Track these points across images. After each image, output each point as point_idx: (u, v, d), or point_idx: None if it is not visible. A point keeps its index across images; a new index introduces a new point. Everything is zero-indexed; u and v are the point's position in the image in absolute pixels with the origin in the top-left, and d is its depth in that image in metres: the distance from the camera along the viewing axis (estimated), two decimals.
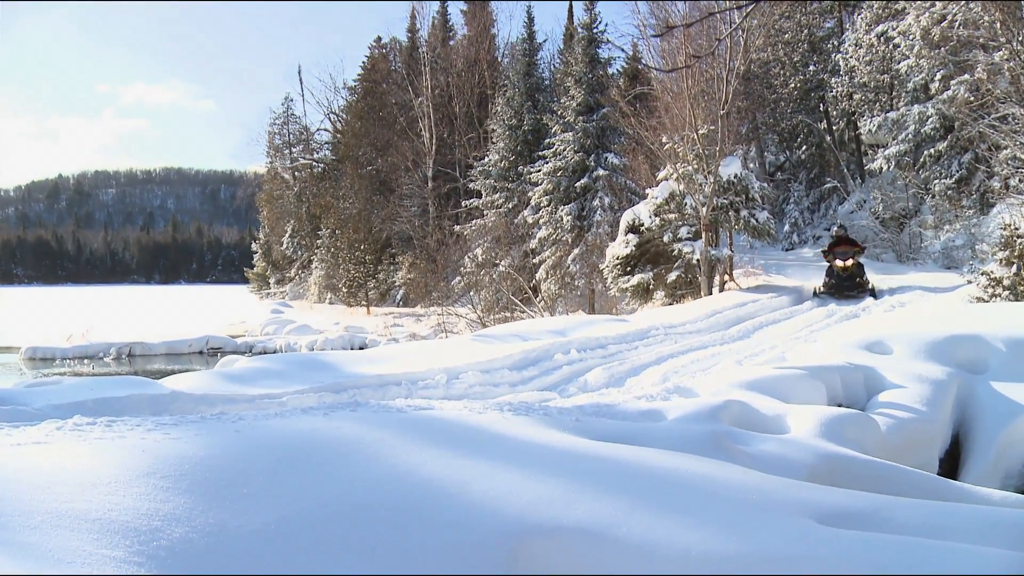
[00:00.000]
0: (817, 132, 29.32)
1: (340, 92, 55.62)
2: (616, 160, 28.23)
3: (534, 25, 38.02)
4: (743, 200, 19.46)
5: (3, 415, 6.88)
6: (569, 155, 28.89)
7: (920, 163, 22.75)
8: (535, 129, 34.29)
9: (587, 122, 28.67)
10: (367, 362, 10.81)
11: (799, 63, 28.84)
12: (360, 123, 47.76)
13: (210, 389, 8.84)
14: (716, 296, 18.28)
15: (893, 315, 13.72)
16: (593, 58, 29.81)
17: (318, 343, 25.96)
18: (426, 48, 45.22)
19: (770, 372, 7.44)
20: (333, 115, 56.16)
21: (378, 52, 52.26)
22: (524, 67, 36.60)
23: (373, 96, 48.36)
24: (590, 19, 30.36)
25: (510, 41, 46.89)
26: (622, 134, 28.43)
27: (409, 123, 43.00)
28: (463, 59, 43.26)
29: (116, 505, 2.89)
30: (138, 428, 4.08)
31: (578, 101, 29.08)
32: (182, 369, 19.37)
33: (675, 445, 4.66)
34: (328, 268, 45.01)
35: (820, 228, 28.07)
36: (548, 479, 3.51)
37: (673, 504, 3.30)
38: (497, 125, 35.86)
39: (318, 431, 4.00)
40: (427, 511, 3.09)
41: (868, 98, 25.78)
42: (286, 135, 58.36)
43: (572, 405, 6.55)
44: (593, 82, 29.34)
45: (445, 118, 41.84)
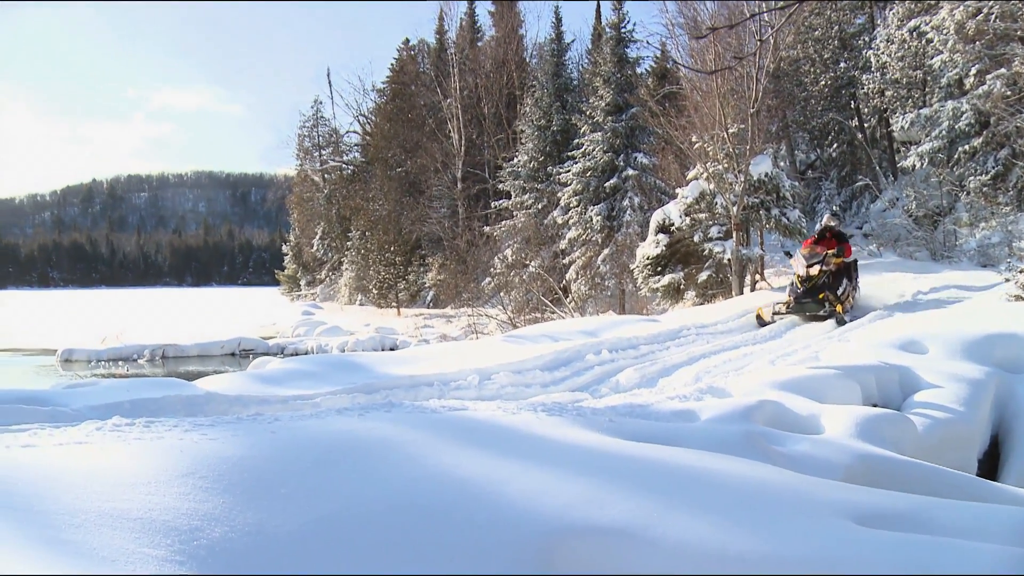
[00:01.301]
0: (848, 130, 29.05)
1: (369, 94, 55.94)
2: (645, 160, 28.13)
3: (562, 25, 38.13)
4: (774, 199, 19.34)
5: (44, 416, 6.98)
6: (598, 155, 28.82)
7: (954, 160, 22.46)
8: (564, 129, 34.25)
9: (616, 122, 28.60)
10: (399, 363, 10.85)
11: (829, 60, 28.57)
12: (389, 125, 47.91)
13: (244, 390, 8.90)
14: (747, 295, 18.15)
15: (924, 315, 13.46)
16: (621, 58, 29.72)
17: (349, 344, 26.06)
18: (454, 49, 45.30)
19: (804, 372, 7.39)
20: (362, 117, 56.47)
21: (406, 54, 52.42)
22: (552, 67, 36.57)
23: (402, 98, 48.53)
24: (618, 18, 30.26)
25: (538, 41, 46.90)
26: (651, 134, 28.32)
27: (438, 124, 43.10)
28: (491, 60, 43.31)
29: (156, 505, 2.93)
30: (175, 429, 4.12)
31: (607, 101, 29.00)
32: (215, 371, 19.56)
33: (709, 445, 4.64)
34: (358, 270, 45.19)
35: (852, 227, 27.83)
36: (583, 479, 3.51)
37: (708, 505, 3.29)
38: (526, 126, 35.85)
39: (353, 432, 4.02)
40: (463, 511, 3.10)
41: (900, 95, 25.49)
42: (316, 138, 58.70)
43: (605, 405, 6.53)
44: (622, 82, 29.25)
45: (474, 119, 41.91)
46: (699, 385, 8.31)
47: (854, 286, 15.49)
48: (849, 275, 15.21)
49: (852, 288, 15.28)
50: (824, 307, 13.87)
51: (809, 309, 14.14)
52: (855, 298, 15.54)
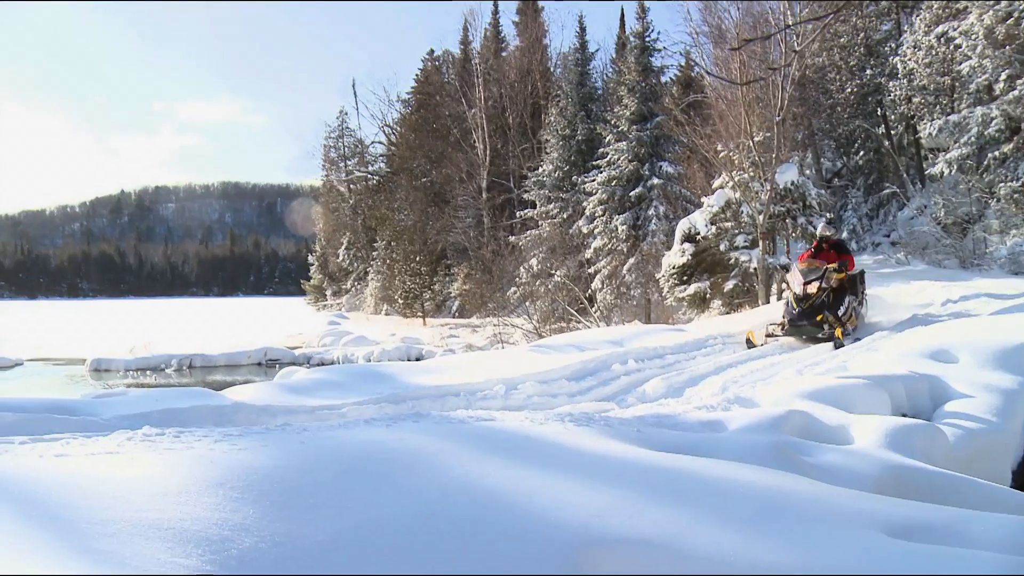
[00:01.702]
0: (875, 137, 28.87)
1: (394, 105, 56.22)
2: (671, 169, 28.08)
3: (586, 35, 38.05)
4: (800, 207, 19.26)
5: (74, 425, 7.05)
6: (623, 164, 28.80)
7: (984, 166, 22.26)
8: (589, 139, 34.25)
9: (641, 131, 28.56)
10: (425, 373, 10.86)
11: (856, 67, 28.42)
12: (414, 135, 48.11)
13: (271, 400, 8.94)
14: (774, 304, 18.06)
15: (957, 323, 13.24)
16: (646, 67, 29.70)
17: (375, 354, 26.13)
18: (479, 60, 45.42)
19: (832, 382, 7.34)
20: (387, 128, 56.76)
21: (431, 65, 52.65)
22: (577, 77, 36.60)
23: (427, 108, 48.72)
24: (642, 27, 30.25)
25: (562, 51, 46.96)
26: (676, 142, 28.28)
27: (463, 135, 43.22)
28: (516, 70, 43.40)
29: (187, 514, 2.94)
30: (205, 439, 4.14)
31: (631, 110, 28.97)
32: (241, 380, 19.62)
33: (737, 456, 4.62)
34: (384, 279, 45.35)
35: (879, 235, 27.63)
36: (611, 490, 3.50)
37: (738, 516, 3.27)
38: (551, 135, 35.87)
39: (382, 442, 4.03)
40: (492, 521, 3.10)
41: (928, 101, 25.31)
42: (341, 148, 59.05)
43: (632, 416, 6.52)
44: (646, 91, 29.22)
45: (499, 129, 41.99)
46: (726, 395, 8.26)
47: (860, 302, 14.43)
48: (854, 291, 14.09)
49: (858, 306, 14.19)
50: (823, 330, 12.71)
51: (806, 332, 12.99)
52: (862, 316, 14.48)
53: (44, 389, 20.39)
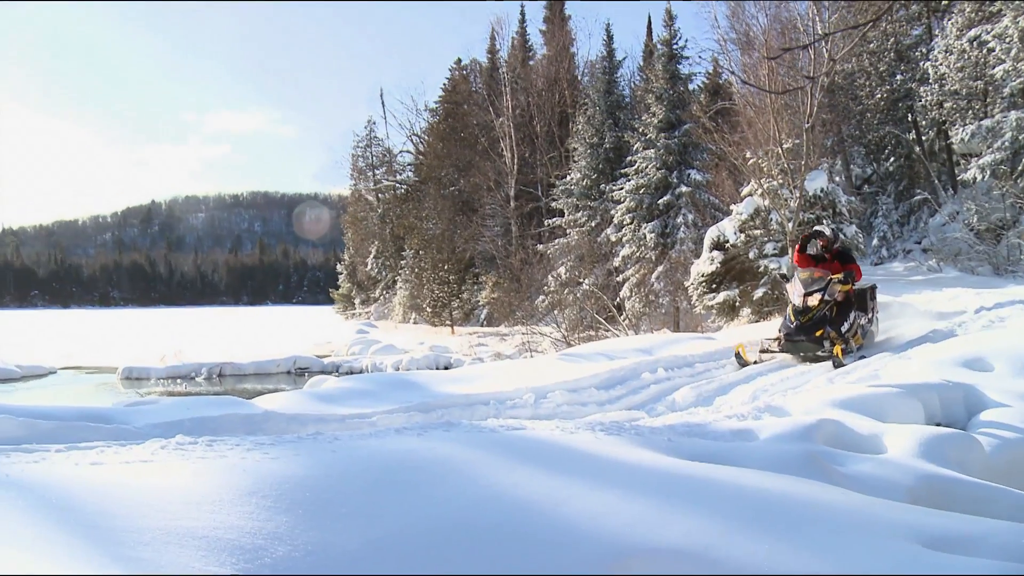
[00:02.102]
0: (905, 143, 28.62)
1: (422, 114, 56.37)
2: (699, 176, 27.99)
3: (613, 43, 38.01)
4: (830, 214, 19.12)
5: (108, 433, 7.13)
6: (651, 172, 28.73)
7: (1018, 172, 21.98)
8: (616, 147, 34.19)
9: (669, 139, 28.49)
10: (454, 382, 10.89)
11: (885, 73, 28.20)
12: (442, 144, 48.22)
13: (301, 409, 9.00)
14: None
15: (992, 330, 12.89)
16: (674, 74, 29.62)
17: (403, 363, 26.20)
18: (506, 68, 45.47)
19: (864, 390, 7.28)
20: (415, 137, 56.94)
21: (458, 74, 52.78)
22: (604, 85, 36.55)
23: (454, 117, 48.83)
24: (670, 35, 30.18)
25: (589, 59, 46.95)
26: (704, 150, 28.18)
27: (491, 143, 43.27)
28: (543, 78, 43.40)
29: (221, 523, 2.97)
30: (237, 448, 4.17)
31: (659, 118, 28.90)
32: (271, 389, 19.77)
33: (769, 465, 4.59)
34: (412, 288, 45.48)
35: (910, 241, 27.37)
36: (643, 499, 3.49)
37: (771, 526, 3.25)
38: (578, 143, 35.84)
39: (413, 451, 4.05)
40: (524, 531, 3.10)
41: (960, 106, 25.04)
42: (369, 157, 59.27)
43: (662, 424, 6.50)
44: (674, 98, 29.14)
45: (526, 138, 42.01)
46: (756, 404, 8.22)
47: (870, 319, 13.26)
48: (864, 306, 12.98)
49: (867, 322, 13.06)
50: (823, 347, 11.58)
51: (803, 349, 11.90)
52: (871, 334, 13.35)
53: (77, 397, 20.61)
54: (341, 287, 64.26)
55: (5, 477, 3.50)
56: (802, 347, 11.86)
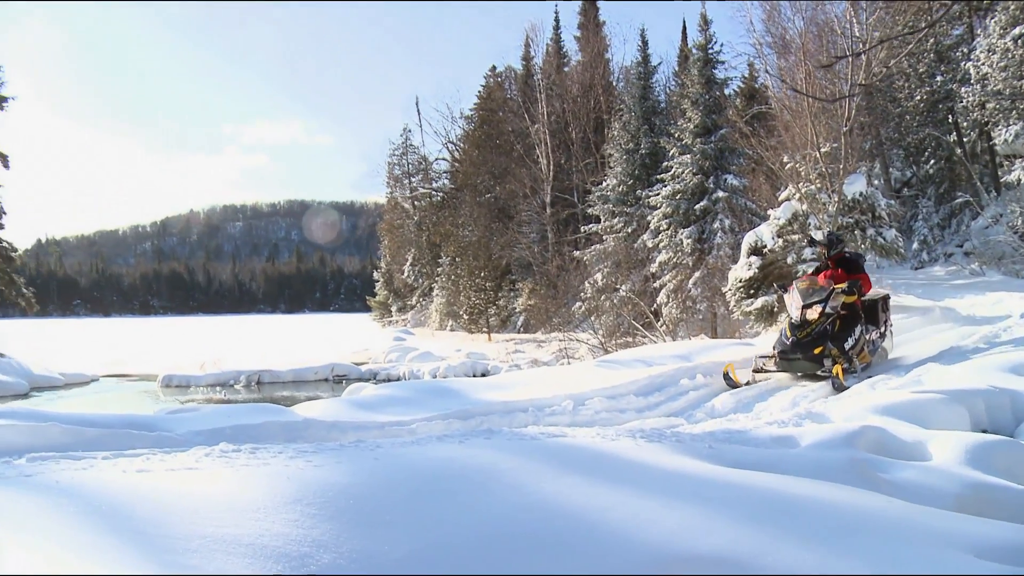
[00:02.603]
0: (946, 145, 28.27)
1: (457, 122, 56.59)
2: (736, 181, 27.81)
3: (648, 48, 37.73)
4: (869, 218, 18.93)
5: (151, 440, 7.23)
6: (687, 177, 28.60)
7: None
8: (652, 152, 34.09)
9: (705, 144, 28.34)
10: (492, 389, 10.89)
11: (925, 74, 27.88)
12: (478, 151, 48.32)
13: (340, 416, 9.04)
14: None
15: None
16: (709, 79, 29.46)
17: (440, 370, 26.24)
18: (541, 75, 45.49)
19: (906, 396, 7.21)
20: (451, 144, 57.14)
21: (493, 81, 52.88)
22: (639, 91, 36.45)
23: (490, 124, 48.91)
24: (705, 40, 30.03)
25: (624, 65, 46.82)
26: (741, 155, 28.00)
27: (526, 150, 43.30)
28: (578, 84, 43.38)
29: (266, 531, 3.00)
30: (280, 455, 4.21)
31: (695, 123, 28.77)
32: (309, 396, 19.89)
33: (811, 472, 4.56)
34: (449, 295, 45.56)
35: (952, 245, 27.03)
36: (686, 507, 3.48)
37: (817, 534, 3.23)
38: (614, 149, 35.77)
39: (455, 459, 4.07)
40: (569, 539, 3.10)
41: (1003, 106, 24.64)
42: (405, 165, 59.52)
43: (702, 431, 6.47)
44: (710, 103, 28.99)
45: (562, 144, 42.00)
46: (797, 410, 8.17)
47: (882, 333, 12.16)
48: (874, 318, 11.91)
49: (879, 336, 12.00)
50: (822, 365, 10.53)
51: (800, 368, 10.86)
52: (883, 350, 12.23)
53: (119, 404, 20.87)
54: (378, 295, 64.51)
55: (56, 484, 3.56)
56: (798, 366, 10.80)
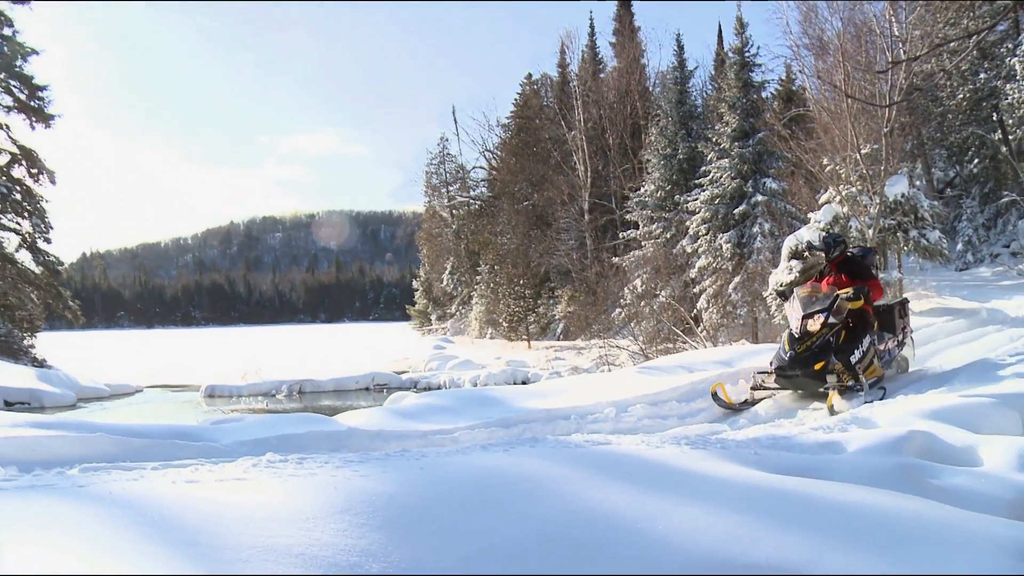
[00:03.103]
0: (991, 143, 27.84)
1: (494, 129, 56.86)
2: (775, 185, 27.61)
3: (684, 53, 37.62)
4: (912, 220, 18.71)
5: (196, 451, 7.31)
6: (726, 182, 28.45)
7: None
8: (690, 157, 33.95)
9: (743, 147, 28.17)
10: (534, 396, 10.89)
11: (968, 72, 27.51)
12: (515, 159, 48.39)
13: (383, 425, 9.08)
14: None
15: None
16: (746, 82, 29.29)
17: (481, 378, 26.27)
18: (577, 82, 45.44)
19: (955, 400, 7.10)
20: (488, 152, 57.29)
21: (529, 88, 52.92)
22: (676, 95, 36.32)
23: (526, 132, 48.97)
24: (741, 43, 29.85)
25: (661, 70, 46.65)
26: (780, 158, 27.79)
27: (563, 157, 43.29)
28: (614, 90, 43.31)
29: (316, 540, 3.02)
30: (327, 465, 4.25)
31: (733, 127, 28.61)
32: (349, 405, 19.98)
33: (859, 479, 4.51)
34: (488, 303, 45.64)
35: (998, 245, 26.62)
36: (735, 514, 3.46)
37: (867, 542, 3.19)
38: (651, 155, 35.67)
39: (501, 468, 4.07)
40: (616, 547, 3.09)
41: None
42: (443, 174, 59.78)
43: (746, 437, 6.43)
44: (747, 107, 28.81)
45: (599, 150, 41.94)
46: (842, 415, 8.08)
47: (901, 341, 11.14)
48: (891, 325, 10.86)
49: (896, 346, 10.98)
50: (825, 382, 9.45)
51: (799, 385, 9.88)
52: (903, 360, 11.37)
53: (164, 415, 21.09)
54: (417, 303, 64.75)
55: (108, 494, 3.61)
56: (798, 383, 9.81)
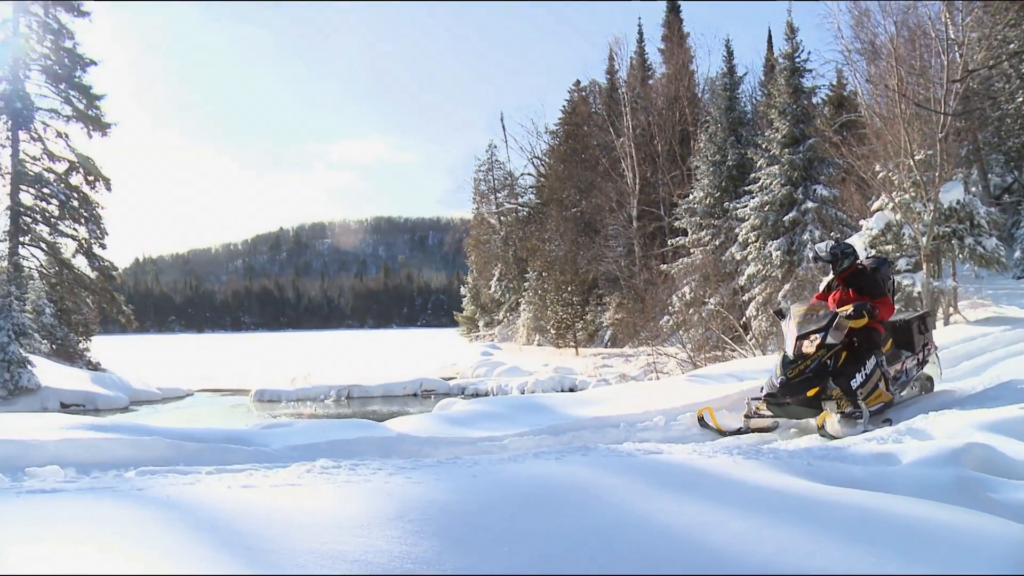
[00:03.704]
0: None
1: (542, 136, 56.85)
2: (825, 192, 27.35)
3: (733, 59, 37.41)
4: (967, 227, 18.39)
5: (247, 455, 7.39)
6: (776, 188, 28.23)
7: None
8: (739, 164, 33.73)
9: (793, 154, 27.95)
10: (582, 404, 10.86)
11: None
12: (563, 166, 48.41)
13: (433, 432, 9.11)
14: (941, 330, 17.23)
15: None
16: (796, 88, 29.07)
17: (528, 385, 26.27)
18: (625, 88, 45.35)
19: (1015, 412, 6.96)
20: (536, 159, 57.40)
21: (578, 95, 52.94)
22: (725, 101, 36.12)
23: (575, 139, 48.98)
24: (791, 48, 29.64)
25: (710, 76, 46.38)
26: (830, 164, 27.53)
27: (612, 164, 43.21)
28: (663, 97, 43.17)
29: (370, 547, 3.04)
30: (380, 472, 4.28)
31: (783, 133, 28.39)
32: (398, 411, 20.10)
33: (915, 491, 4.44)
34: (536, 310, 45.63)
35: None
36: (789, 526, 3.43)
37: (926, 558, 3.14)
38: (700, 161, 35.50)
39: (553, 476, 4.08)
40: (671, 558, 3.08)
41: None
42: (491, 181, 59.94)
43: (797, 447, 6.37)
44: (798, 112, 28.58)
45: (647, 157, 41.81)
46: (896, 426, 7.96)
47: (921, 361, 10.05)
48: (908, 342, 9.88)
49: (915, 366, 9.92)
50: (820, 411, 8.48)
51: (791, 414, 8.88)
52: (930, 380, 10.35)
53: (214, 419, 21.36)
54: (465, 310, 64.92)
55: (166, 498, 3.67)
56: (789, 412, 8.83)
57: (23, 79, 28.53)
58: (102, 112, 29.93)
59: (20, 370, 21.93)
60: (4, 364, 21.66)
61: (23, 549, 2.93)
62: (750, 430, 9.19)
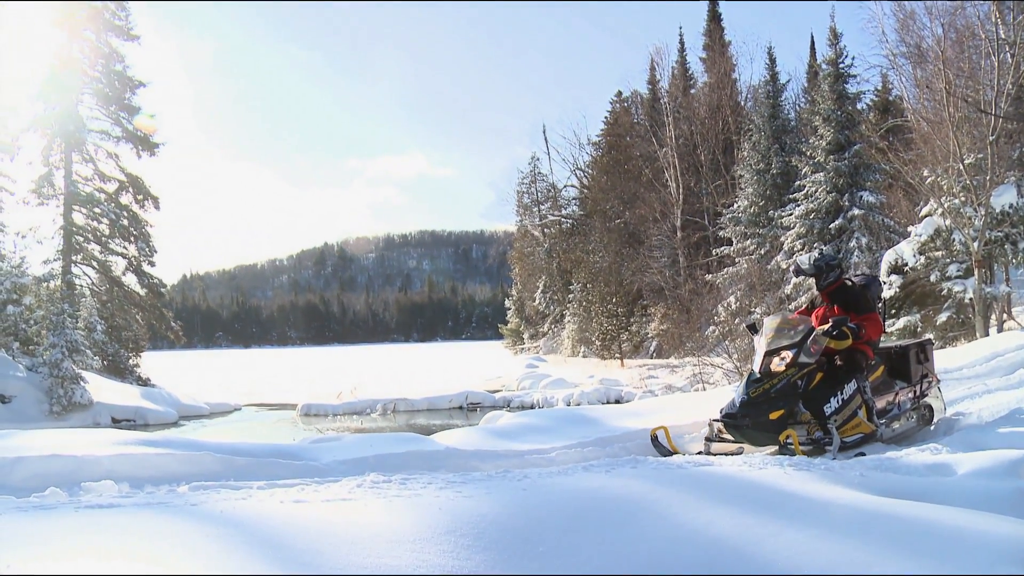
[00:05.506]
0: None
1: (585, 148, 56.88)
2: (872, 198, 27.04)
3: (776, 66, 37.21)
4: (1021, 231, 18.08)
5: (296, 470, 7.44)
6: (821, 196, 27.98)
7: None
8: (784, 172, 33.47)
9: (838, 161, 27.68)
10: (629, 416, 10.80)
11: None
12: (606, 177, 48.37)
13: (480, 445, 9.10)
14: (995, 337, 16.92)
15: None
16: (841, 94, 28.81)
17: (574, 396, 26.18)
18: (667, 98, 45.24)
19: None
20: (579, 171, 57.43)
21: (619, 106, 52.92)
22: (768, 109, 35.91)
23: (617, 150, 48.93)
24: (835, 54, 29.38)
25: (752, 84, 46.13)
26: (877, 170, 27.22)
27: (655, 174, 43.10)
28: (705, 106, 43.00)
29: (423, 562, 3.05)
30: (430, 486, 4.30)
31: (827, 140, 28.14)
32: (444, 424, 20.14)
33: (972, 503, 4.37)
34: (581, 321, 45.56)
35: None
36: (842, 538, 3.39)
37: (989, 572, 3.09)
38: (744, 170, 35.29)
39: (603, 489, 4.06)
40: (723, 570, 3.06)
41: None
42: (534, 193, 60.03)
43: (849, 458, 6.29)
44: (842, 119, 28.31)
45: (691, 167, 41.65)
46: (950, 436, 7.83)
47: (919, 393, 9.08)
48: (905, 373, 8.87)
49: (911, 398, 8.96)
50: (782, 439, 7.24)
51: (749, 438, 7.67)
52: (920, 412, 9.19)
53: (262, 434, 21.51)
54: (509, 322, 65.00)
55: (220, 513, 3.71)
56: (747, 436, 7.67)
57: (76, 103, 29.14)
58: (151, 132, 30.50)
59: (73, 386, 22.28)
60: (58, 380, 22.03)
61: (89, 562, 2.98)
62: (710, 454, 7.71)
